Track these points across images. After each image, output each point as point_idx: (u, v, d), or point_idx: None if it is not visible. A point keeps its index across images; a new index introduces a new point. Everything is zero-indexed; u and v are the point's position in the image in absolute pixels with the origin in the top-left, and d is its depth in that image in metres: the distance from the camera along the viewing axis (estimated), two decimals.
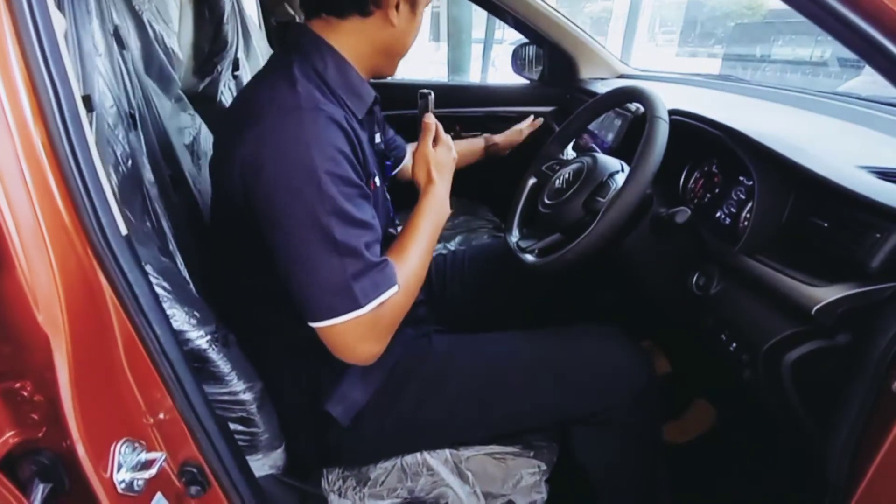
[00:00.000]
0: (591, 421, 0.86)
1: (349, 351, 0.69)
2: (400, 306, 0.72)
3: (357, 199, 0.67)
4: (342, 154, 0.66)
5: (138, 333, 0.55)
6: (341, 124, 0.67)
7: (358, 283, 0.65)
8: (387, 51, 0.78)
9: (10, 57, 0.45)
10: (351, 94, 0.75)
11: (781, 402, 0.67)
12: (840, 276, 0.61)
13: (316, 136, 0.64)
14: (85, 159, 0.50)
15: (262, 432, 0.79)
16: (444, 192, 0.83)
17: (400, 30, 0.75)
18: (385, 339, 0.72)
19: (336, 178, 0.64)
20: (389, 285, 0.69)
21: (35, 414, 0.52)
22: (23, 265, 0.48)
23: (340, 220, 0.64)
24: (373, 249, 0.68)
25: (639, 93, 0.85)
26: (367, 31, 0.74)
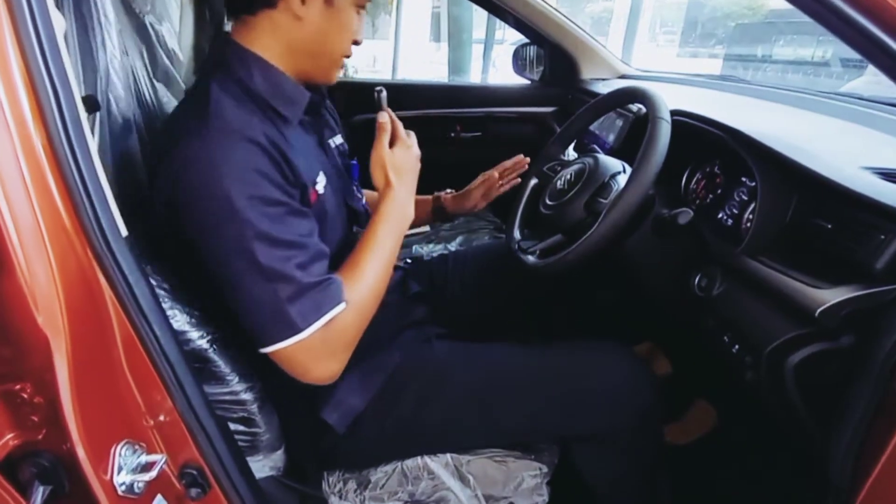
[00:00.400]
0: (593, 440, 0.85)
1: (303, 373, 0.68)
2: (353, 323, 0.70)
3: (284, 217, 0.65)
4: (260, 173, 0.63)
5: (138, 334, 0.55)
6: (258, 141, 0.64)
7: (294, 307, 0.63)
8: (306, 51, 0.72)
9: (10, 57, 0.45)
10: (282, 101, 0.71)
11: (784, 403, 0.67)
12: (844, 278, 0.60)
13: (227, 160, 0.62)
14: (85, 160, 0.50)
15: (264, 432, 0.79)
16: (405, 196, 0.78)
17: (313, 26, 0.70)
18: (342, 356, 0.70)
19: (255, 201, 0.62)
20: (333, 304, 0.66)
21: (35, 416, 0.52)
22: (22, 266, 0.47)
23: (264, 244, 0.62)
24: (310, 268, 0.66)
25: (640, 93, 0.85)
26: (279, 29, 0.70)
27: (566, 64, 1.67)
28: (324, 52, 0.74)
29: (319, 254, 0.68)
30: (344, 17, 0.72)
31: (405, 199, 0.78)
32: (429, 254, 1.38)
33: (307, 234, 0.67)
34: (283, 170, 0.66)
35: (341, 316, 0.67)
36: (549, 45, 1.67)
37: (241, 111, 0.66)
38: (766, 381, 0.68)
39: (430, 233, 1.53)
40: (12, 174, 0.46)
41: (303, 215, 0.68)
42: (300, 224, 0.67)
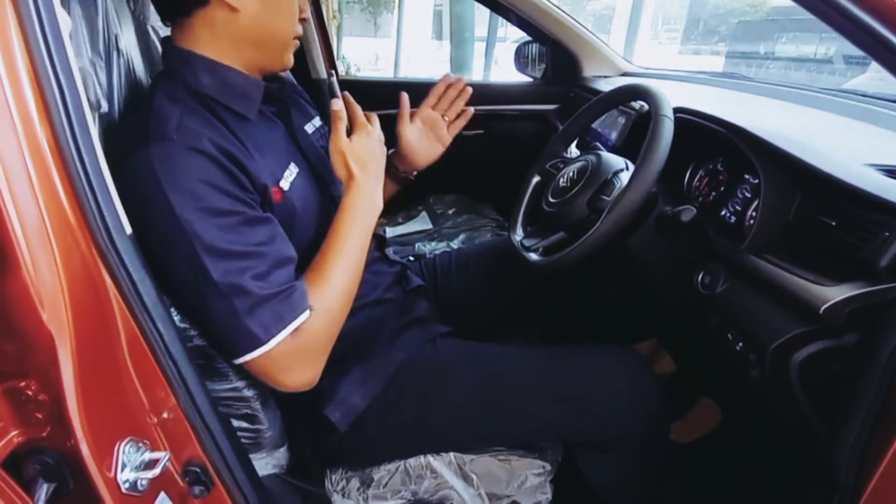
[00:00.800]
0: (598, 444, 0.85)
1: (275, 382, 0.67)
2: (323, 329, 0.68)
3: (237, 227, 0.62)
4: (206, 184, 0.61)
5: (142, 331, 0.55)
6: (203, 150, 0.61)
7: (254, 320, 0.62)
8: (251, 41, 0.69)
9: (16, 55, 0.45)
10: (235, 97, 0.69)
11: (789, 401, 0.67)
12: (848, 275, 0.60)
13: (171, 172, 0.60)
14: (90, 158, 0.50)
15: (267, 429, 0.79)
16: (371, 187, 0.75)
17: (251, 15, 0.66)
18: (314, 364, 0.69)
19: (203, 213, 0.60)
20: (297, 313, 0.64)
21: (39, 413, 0.52)
22: (28, 264, 0.48)
23: (215, 258, 0.60)
24: (269, 278, 0.63)
25: (643, 91, 0.85)
26: (218, 24, 0.67)
27: (568, 61, 1.67)
28: (269, 39, 0.70)
29: (280, 261, 0.66)
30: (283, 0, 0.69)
31: (371, 189, 0.75)
32: (431, 251, 1.38)
33: (264, 241, 0.65)
34: (234, 176, 0.64)
35: (308, 323, 0.66)
36: (551, 43, 1.66)
37: (187, 119, 0.64)
38: (770, 378, 0.68)
39: (432, 230, 1.53)
40: (18, 171, 0.46)
41: (259, 222, 0.65)
42: (255, 232, 0.64)
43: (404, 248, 1.41)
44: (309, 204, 0.76)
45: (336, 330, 0.71)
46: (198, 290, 0.61)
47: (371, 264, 0.84)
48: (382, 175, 0.78)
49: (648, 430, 0.83)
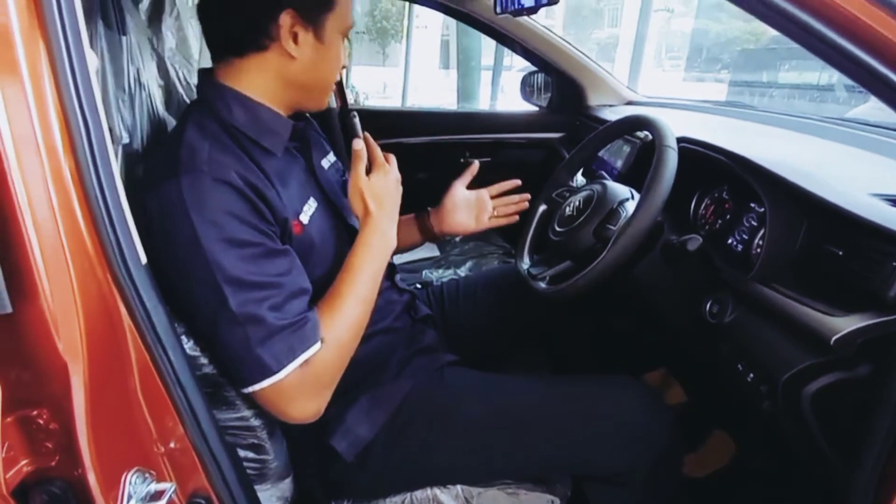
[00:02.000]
0: (609, 480, 0.83)
1: (281, 413, 0.67)
2: (332, 361, 0.69)
3: (258, 259, 0.64)
4: (232, 215, 0.63)
5: (153, 361, 0.55)
6: (230, 182, 0.64)
7: (267, 350, 0.63)
8: (301, 84, 0.74)
9: (46, 92, 0.47)
10: (263, 133, 0.72)
11: (803, 434, 0.66)
12: (858, 305, 0.60)
13: (198, 202, 0.62)
14: (110, 189, 0.51)
15: (272, 460, 0.78)
16: (386, 224, 0.77)
17: (306, 61, 0.72)
18: (323, 395, 0.70)
19: (226, 244, 0.62)
20: (308, 345, 0.66)
21: (49, 442, 0.52)
22: (46, 293, 0.49)
23: (235, 287, 0.62)
24: (285, 308, 0.65)
25: (647, 121, 0.86)
26: (270, 67, 0.71)
27: (573, 91, 1.70)
28: (317, 84, 0.76)
29: (296, 292, 0.67)
30: (334, 49, 0.74)
31: (385, 226, 0.77)
32: (438, 279, 1.39)
33: (282, 272, 0.67)
34: (258, 209, 0.66)
35: (318, 355, 0.67)
36: (556, 73, 1.70)
37: (216, 151, 0.66)
38: (783, 411, 0.67)
39: (439, 258, 1.54)
40: (41, 201, 0.47)
41: (278, 254, 0.67)
42: (274, 264, 0.66)
43: (412, 275, 1.42)
44: (326, 237, 0.78)
45: (345, 362, 0.72)
46: (214, 318, 0.62)
47: (382, 293, 0.85)
48: (397, 212, 0.80)
49: (660, 465, 0.82)
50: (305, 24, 0.70)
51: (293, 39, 0.70)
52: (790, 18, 0.51)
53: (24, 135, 0.47)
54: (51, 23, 0.47)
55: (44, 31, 0.47)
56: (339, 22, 0.73)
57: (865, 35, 0.49)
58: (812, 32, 0.51)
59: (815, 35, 0.51)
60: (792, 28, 0.52)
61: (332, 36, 0.73)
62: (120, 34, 0.77)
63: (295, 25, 0.69)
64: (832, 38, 0.50)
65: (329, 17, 0.71)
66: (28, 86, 0.47)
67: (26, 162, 0.47)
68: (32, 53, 0.47)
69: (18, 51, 0.46)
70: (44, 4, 0.47)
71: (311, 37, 0.71)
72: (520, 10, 1.16)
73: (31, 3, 0.46)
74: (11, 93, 0.46)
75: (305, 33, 0.70)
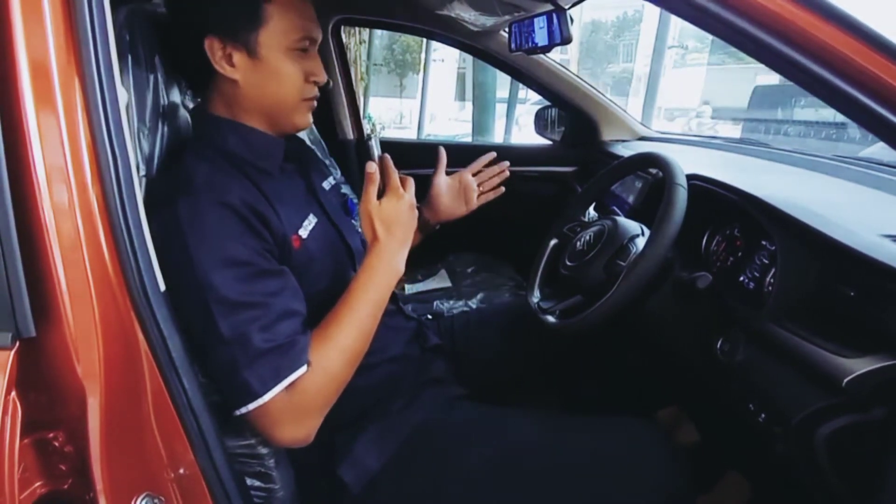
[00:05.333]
0: None
1: (268, 437, 0.67)
2: (320, 387, 0.67)
3: (252, 278, 0.65)
4: (229, 236, 0.65)
5: (168, 386, 0.56)
6: (230, 204, 0.65)
7: (252, 372, 0.63)
8: (257, 107, 0.74)
9: (79, 125, 0.50)
10: (258, 156, 0.74)
11: (817, 477, 0.64)
12: (871, 347, 0.59)
13: (196, 224, 0.63)
14: (133, 219, 0.53)
15: (279, 489, 0.78)
16: (393, 250, 0.74)
17: (250, 82, 0.72)
18: (308, 421, 0.68)
19: (221, 264, 0.63)
20: (294, 368, 0.65)
21: (64, 465, 0.54)
22: (69, 318, 0.50)
23: (225, 308, 0.63)
24: (274, 329, 0.64)
25: (657, 159, 0.87)
26: (227, 93, 0.74)
27: (587, 126, 1.72)
28: (273, 104, 0.75)
29: (286, 313, 0.67)
30: (278, 66, 0.72)
31: (392, 252, 0.75)
32: (449, 310, 1.39)
33: (273, 292, 0.67)
34: (254, 228, 0.67)
35: (305, 379, 0.65)
36: (570, 108, 1.72)
37: (216, 175, 0.69)
38: (796, 453, 0.66)
39: (450, 289, 1.54)
40: (69, 230, 0.50)
41: (271, 274, 0.68)
42: (267, 283, 0.67)
43: (423, 305, 1.42)
44: (325, 252, 0.79)
45: (335, 389, 0.70)
46: (205, 338, 0.63)
47: (389, 319, 0.85)
48: (409, 240, 0.77)
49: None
50: (234, 45, 0.70)
51: (227, 62, 0.70)
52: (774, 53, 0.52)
53: (56, 165, 0.50)
54: (86, 60, 0.50)
55: (79, 68, 0.50)
56: (280, 37, 0.71)
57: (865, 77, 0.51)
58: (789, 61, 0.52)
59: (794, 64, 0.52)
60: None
61: (270, 52, 0.71)
62: (147, 72, 0.81)
63: (225, 48, 0.70)
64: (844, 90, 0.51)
65: (261, 34, 0.70)
66: (62, 118, 0.50)
67: (56, 191, 0.50)
68: (68, 88, 0.50)
69: (55, 86, 0.49)
70: (80, 43, 0.50)
71: (245, 57, 0.70)
72: (534, 48, 1.19)
73: (69, 41, 0.50)
74: (46, 124, 0.49)
75: (238, 54, 0.70)
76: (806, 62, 0.51)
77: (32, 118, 0.48)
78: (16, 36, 0.48)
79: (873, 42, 0.50)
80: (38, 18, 0.48)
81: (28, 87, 0.48)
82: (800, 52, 0.51)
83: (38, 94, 0.49)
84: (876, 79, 0.49)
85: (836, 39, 0.50)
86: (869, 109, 0.50)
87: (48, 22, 0.48)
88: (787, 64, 0.52)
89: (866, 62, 0.50)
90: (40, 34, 0.48)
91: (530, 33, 1.17)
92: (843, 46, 0.50)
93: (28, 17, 0.48)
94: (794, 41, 0.51)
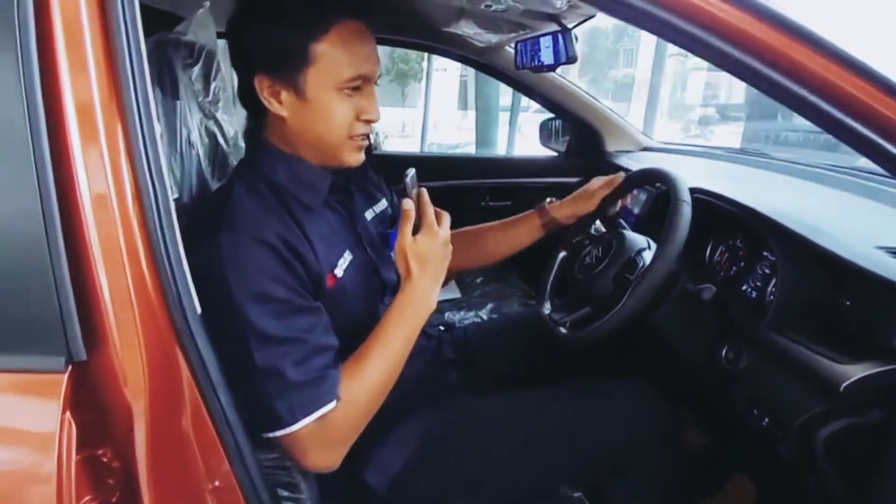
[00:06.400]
0: (618, 471, 0.88)
1: (297, 461, 0.70)
2: (348, 420, 0.70)
3: (286, 314, 0.67)
4: (265, 273, 0.67)
5: (206, 403, 0.59)
6: (268, 241, 0.67)
7: (282, 402, 0.66)
8: (305, 143, 0.75)
9: (121, 158, 0.54)
10: (303, 189, 0.76)
11: (818, 478, 0.67)
12: (866, 353, 0.63)
13: (235, 259, 0.66)
14: (172, 244, 0.56)
15: (306, 499, 0.81)
16: (426, 287, 0.75)
17: (297, 120, 0.73)
18: (335, 451, 0.71)
19: (257, 299, 0.65)
20: (324, 402, 0.67)
21: (111, 479, 0.57)
22: (116, 341, 0.54)
23: (260, 341, 0.65)
24: (307, 364, 0.67)
25: (663, 175, 0.91)
26: (278, 127, 0.75)
27: (591, 137, 1.76)
28: (319, 141, 0.75)
29: (319, 348, 0.69)
30: (325, 106, 0.72)
31: (425, 290, 0.76)
32: (460, 321, 1.42)
33: (307, 329, 0.69)
34: (291, 267, 0.69)
35: (333, 413, 0.68)
36: (574, 120, 1.76)
37: (258, 210, 0.70)
38: (798, 455, 0.69)
39: (460, 300, 1.58)
40: (114, 258, 0.53)
41: (305, 311, 0.70)
42: (302, 320, 0.69)
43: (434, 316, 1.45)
44: (359, 287, 0.81)
45: (362, 422, 0.73)
46: (242, 366, 0.66)
47: None
48: (442, 276, 0.78)
49: (663, 447, 0.87)
50: (283, 84, 0.71)
51: (276, 99, 0.72)
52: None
53: (101, 197, 0.53)
54: (127, 100, 0.53)
55: (120, 108, 0.53)
56: (329, 77, 0.70)
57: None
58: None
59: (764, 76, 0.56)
60: None
61: (318, 92, 0.71)
62: (173, 99, 0.85)
63: (273, 86, 0.71)
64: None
65: (309, 74, 0.70)
66: (105, 154, 0.53)
67: (102, 222, 0.53)
68: (110, 125, 0.53)
69: (98, 124, 0.53)
70: (121, 85, 0.53)
71: (293, 95, 0.71)
72: (539, 66, 1.24)
73: (111, 83, 0.53)
74: (91, 159, 0.53)
75: (286, 93, 0.71)
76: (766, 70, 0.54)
77: (79, 154, 0.52)
78: (62, 80, 0.51)
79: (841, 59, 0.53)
80: (82, 66, 0.52)
81: (75, 125, 0.52)
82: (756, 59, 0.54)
83: (83, 132, 0.52)
84: (844, 94, 0.53)
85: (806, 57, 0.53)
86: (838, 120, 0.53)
87: (91, 67, 0.52)
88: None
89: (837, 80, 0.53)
90: (85, 79, 0.52)
91: (536, 52, 1.21)
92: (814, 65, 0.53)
93: (74, 64, 0.52)
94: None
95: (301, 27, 0.69)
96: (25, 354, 0.52)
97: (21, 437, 0.54)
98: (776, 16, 0.53)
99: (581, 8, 0.99)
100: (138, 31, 0.53)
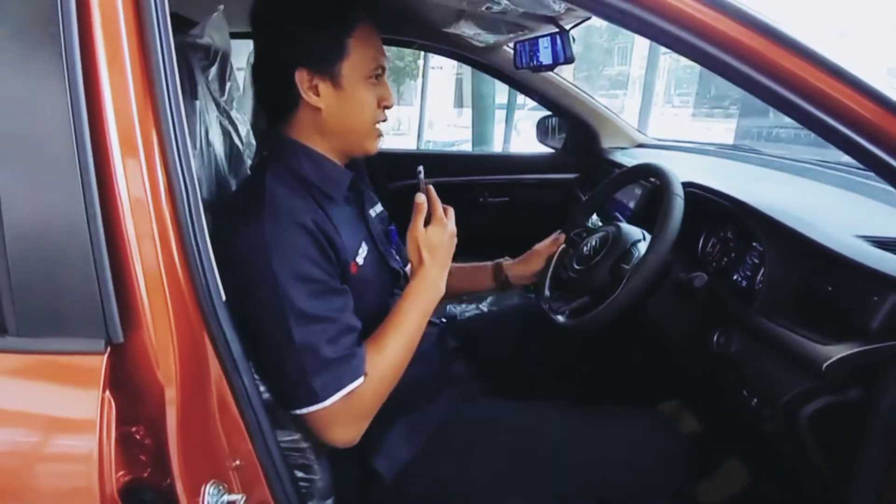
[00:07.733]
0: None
1: (322, 435, 0.75)
2: (372, 395, 0.76)
3: (322, 294, 0.73)
4: (304, 255, 0.72)
5: (231, 385, 0.64)
6: (305, 225, 0.72)
7: (318, 379, 0.70)
8: (336, 132, 0.81)
9: (156, 161, 0.58)
10: (327, 182, 0.81)
11: (803, 454, 0.72)
12: (846, 335, 0.67)
13: (277, 242, 0.70)
14: (201, 236, 0.60)
15: (319, 479, 0.85)
16: (436, 274, 0.83)
17: (333, 110, 0.78)
18: (359, 424, 0.77)
19: (297, 280, 0.70)
20: (354, 378, 0.73)
21: (144, 456, 0.61)
22: (149, 325, 0.58)
23: (300, 319, 0.70)
24: (339, 342, 0.72)
25: (656, 170, 0.96)
26: (308, 120, 0.80)
27: (587, 134, 1.80)
28: (351, 129, 0.82)
29: (349, 328, 0.75)
30: (358, 94, 0.79)
31: (436, 276, 0.84)
32: (462, 313, 1.47)
33: (340, 309, 0.75)
34: (325, 252, 0.74)
35: (361, 388, 0.74)
36: (570, 117, 1.80)
37: (292, 198, 0.75)
38: (783, 432, 0.73)
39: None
40: (149, 250, 0.57)
41: (338, 293, 0.76)
42: (335, 301, 0.75)
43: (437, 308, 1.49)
44: (375, 277, 0.87)
45: (383, 396, 0.79)
46: (278, 345, 0.71)
47: None
48: (448, 264, 0.86)
49: (675, 496, 0.88)
50: (321, 76, 0.77)
51: (314, 92, 0.77)
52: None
53: (138, 197, 0.57)
54: (162, 111, 0.58)
55: (155, 116, 0.58)
56: (359, 68, 0.78)
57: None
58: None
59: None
60: None
61: (351, 82, 0.78)
62: (193, 99, 0.89)
63: (312, 79, 0.77)
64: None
65: (344, 65, 0.77)
66: (142, 156, 0.58)
67: (138, 219, 0.57)
68: (146, 131, 0.58)
69: (136, 131, 0.57)
70: (157, 95, 0.57)
71: (330, 87, 0.77)
72: (538, 66, 1.28)
73: (147, 93, 0.57)
74: (129, 163, 0.57)
75: (324, 85, 0.77)
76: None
77: (118, 158, 0.56)
78: (103, 91, 0.55)
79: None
80: (122, 82, 0.56)
81: (114, 132, 0.56)
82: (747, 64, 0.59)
83: (122, 138, 0.56)
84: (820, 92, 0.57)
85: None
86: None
87: (129, 78, 0.56)
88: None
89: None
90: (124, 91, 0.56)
91: (535, 53, 1.25)
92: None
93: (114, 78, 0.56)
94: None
95: (337, 25, 0.77)
96: (69, 337, 0.56)
97: (64, 415, 0.58)
98: (749, 17, 0.57)
99: (577, 10, 1.03)
100: (170, 42, 0.57)
